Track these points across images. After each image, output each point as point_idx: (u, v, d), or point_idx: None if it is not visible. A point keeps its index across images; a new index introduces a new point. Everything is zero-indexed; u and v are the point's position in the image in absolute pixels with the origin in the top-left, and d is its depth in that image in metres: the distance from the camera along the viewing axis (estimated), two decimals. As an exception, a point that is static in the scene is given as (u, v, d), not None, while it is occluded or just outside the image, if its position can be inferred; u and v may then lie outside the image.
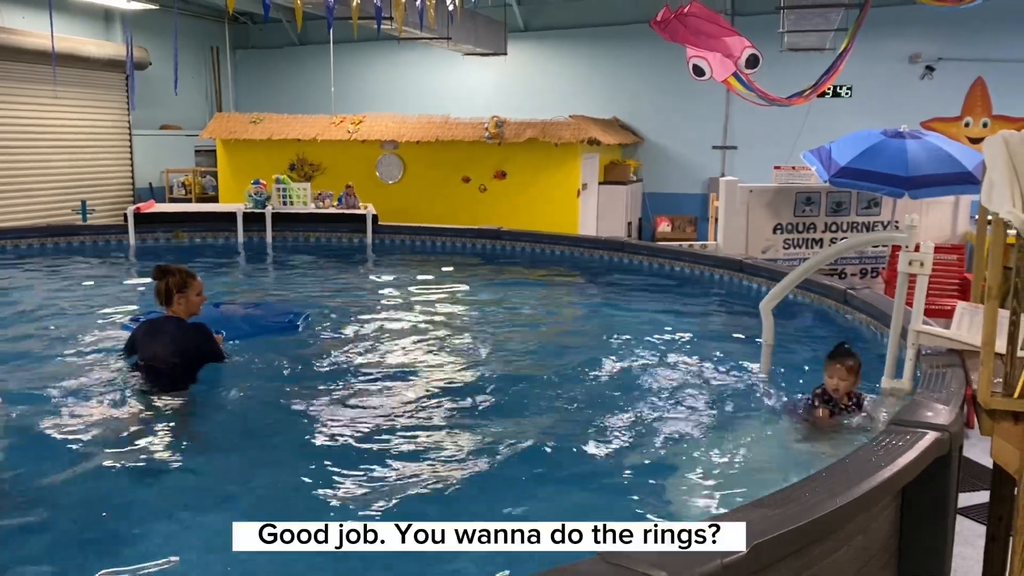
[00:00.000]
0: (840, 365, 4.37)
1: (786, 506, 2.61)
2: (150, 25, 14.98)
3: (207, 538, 3.31)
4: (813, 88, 9.62)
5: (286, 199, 10.97)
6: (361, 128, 13.61)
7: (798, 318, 6.85)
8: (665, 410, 4.83)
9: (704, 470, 3.95)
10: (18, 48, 12.63)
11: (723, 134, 15.23)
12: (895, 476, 2.96)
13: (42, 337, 6.29)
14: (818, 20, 10.43)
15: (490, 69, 16.07)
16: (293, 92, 17.71)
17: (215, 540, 3.12)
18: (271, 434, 4.55)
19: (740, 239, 9.92)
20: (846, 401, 4.40)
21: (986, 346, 3.64)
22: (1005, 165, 3.58)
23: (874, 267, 10.11)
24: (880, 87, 13.93)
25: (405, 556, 2.73)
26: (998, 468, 3.75)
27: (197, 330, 4.98)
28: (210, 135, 14.16)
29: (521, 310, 7.54)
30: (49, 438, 4.25)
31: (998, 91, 12.66)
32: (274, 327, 6.47)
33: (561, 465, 4.07)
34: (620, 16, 15.38)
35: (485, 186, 13.29)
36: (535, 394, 5.11)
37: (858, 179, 8.62)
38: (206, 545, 3.27)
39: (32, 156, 13.59)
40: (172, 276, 4.95)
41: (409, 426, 4.54)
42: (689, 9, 7.98)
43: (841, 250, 5.02)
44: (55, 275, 8.79)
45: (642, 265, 9.25)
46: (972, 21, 12.73)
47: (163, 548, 3.24)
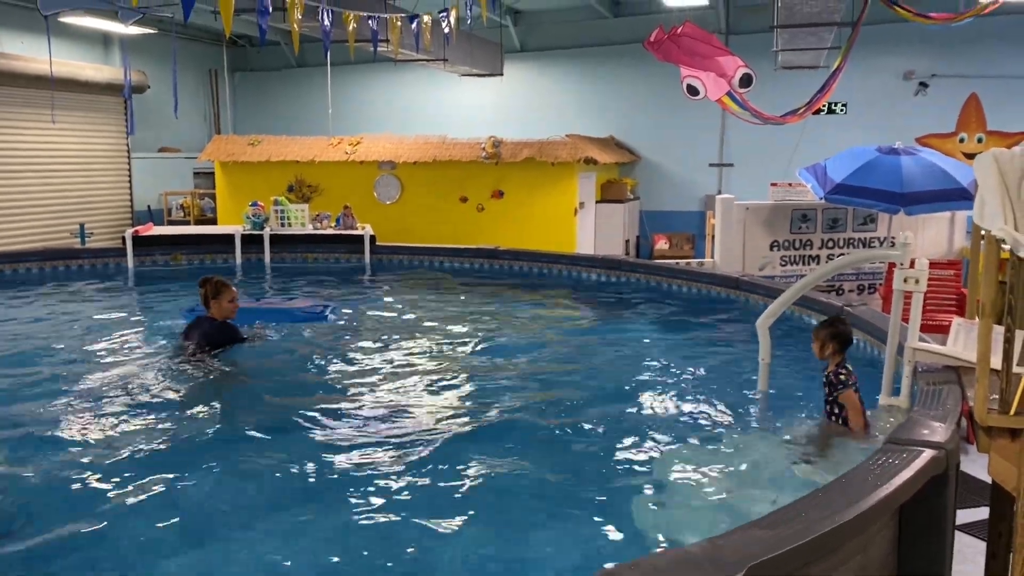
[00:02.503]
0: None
1: (782, 526, 2.61)
2: (148, 49, 15.08)
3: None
4: (807, 106, 9.68)
5: (284, 220, 11.00)
6: (359, 149, 13.67)
7: (795, 335, 6.86)
8: (661, 428, 4.82)
9: (700, 489, 3.94)
10: (17, 73, 12.71)
11: (719, 151, 15.30)
12: (892, 495, 2.96)
13: (40, 359, 6.29)
14: (811, 39, 10.50)
15: (487, 89, 16.16)
16: (291, 114, 17.82)
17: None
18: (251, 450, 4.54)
19: (737, 256, 9.94)
20: (831, 376, 4.48)
21: (981, 363, 3.65)
22: (996, 182, 3.60)
23: (871, 283, 10.12)
24: (875, 104, 14.03)
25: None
26: (996, 485, 3.75)
27: (222, 329, 6.28)
28: (208, 157, 14.21)
29: (518, 329, 7.54)
30: (57, 454, 4.28)
31: (992, 107, 12.74)
32: (305, 316, 7.60)
33: (556, 484, 4.05)
34: (615, 36, 15.50)
35: (483, 205, 13.34)
36: (530, 414, 5.09)
37: (853, 196, 8.66)
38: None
39: (31, 180, 13.64)
40: (209, 285, 6.27)
41: (397, 450, 4.50)
42: (682, 29, 8.03)
43: (837, 268, 5.04)
44: (53, 298, 8.79)
45: (639, 283, 9.26)
46: (965, 38, 12.83)
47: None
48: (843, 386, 4.41)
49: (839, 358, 4.51)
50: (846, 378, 4.43)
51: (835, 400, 4.44)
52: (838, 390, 4.43)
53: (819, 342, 4.56)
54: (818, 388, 5.31)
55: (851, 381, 4.42)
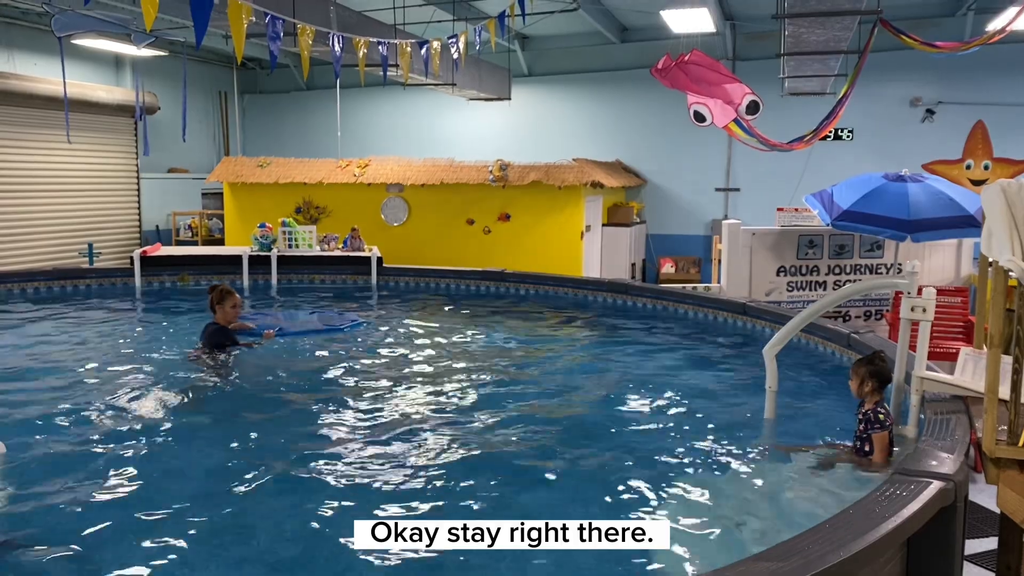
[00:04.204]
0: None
1: (789, 559, 2.60)
2: (159, 70, 15.24)
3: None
4: (814, 133, 9.72)
5: (292, 242, 11.05)
6: (367, 172, 13.75)
7: (802, 363, 6.84)
8: (665, 456, 4.79)
9: (704, 519, 3.91)
10: (30, 94, 12.86)
11: (726, 176, 15.35)
12: (900, 527, 2.94)
13: (45, 376, 6.34)
14: (818, 66, 10.56)
15: (494, 113, 16.27)
16: (300, 136, 17.94)
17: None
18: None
19: (744, 281, 9.95)
20: (871, 414, 4.39)
21: (989, 394, 3.64)
22: (1003, 213, 3.61)
23: (878, 309, 10.10)
24: (881, 130, 14.08)
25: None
26: (1005, 517, 3.73)
27: (214, 332, 7.03)
28: (217, 179, 14.30)
29: (524, 352, 7.53)
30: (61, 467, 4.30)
31: (998, 134, 12.75)
32: (330, 329, 8.13)
33: (555, 512, 4.02)
34: (622, 62, 15.61)
35: (489, 228, 13.38)
36: (529, 437, 5.06)
37: (860, 223, 8.67)
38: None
39: (41, 200, 13.75)
40: (214, 293, 7.09)
41: (403, 471, 4.51)
42: (690, 57, 8.09)
43: (843, 296, 5.02)
44: (61, 318, 8.82)
45: (646, 308, 9.26)
46: (971, 65, 12.89)
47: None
48: (880, 427, 4.32)
49: (878, 396, 4.43)
50: (884, 419, 4.34)
51: (868, 438, 4.38)
52: (874, 428, 4.34)
53: (858, 379, 4.48)
54: (825, 416, 5.29)
55: (888, 423, 4.35)
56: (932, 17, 13.46)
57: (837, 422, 5.11)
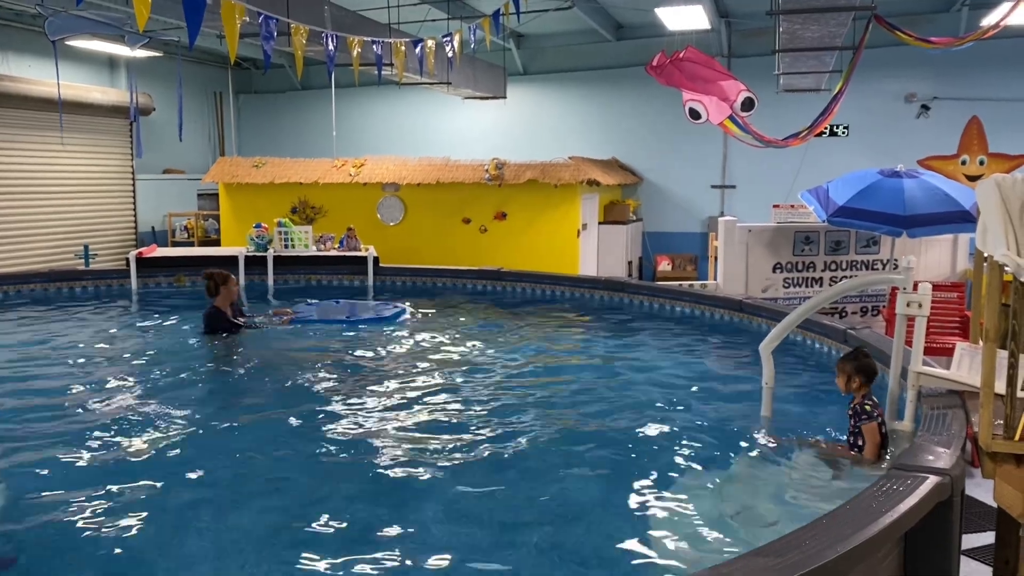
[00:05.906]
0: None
1: (787, 554, 2.60)
2: (154, 71, 15.20)
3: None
4: (809, 129, 9.72)
5: (288, 242, 11.03)
6: (362, 171, 13.74)
7: (798, 359, 6.85)
8: (662, 453, 4.79)
9: (703, 516, 3.91)
10: (25, 96, 12.82)
11: (721, 173, 15.36)
12: (897, 522, 2.95)
13: (41, 378, 6.33)
14: (813, 62, 10.56)
15: (490, 112, 16.26)
16: (295, 136, 17.92)
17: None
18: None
19: (740, 278, 9.95)
20: (858, 407, 4.44)
21: (985, 388, 3.65)
22: (998, 208, 3.62)
23: (874, 305, 10.12)
24: (877, 126, 14.10)
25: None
26: (1002, 511, 3.73)
27: (208, 316, 7.55)
28: (213, 179, 14.28)
29: (521, 351, 7.53)
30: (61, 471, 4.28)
31: (993, 129, 12.76)
32: (373, 319, 8.58)
33: (553, 510, 4.03)
34: (617, 59, 15.61)
35: (486, 227, 13.37)
36: (526, 436, 5.05)
37: (856, 219, 8.68)
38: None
39: (36, 202, 13.72)
40: (213, 278, 7.55)
41: (401, 471, 4.51)
42: (685, 54, 8.09)
43: (839, 292, 5.03)
44: (57, 320, 8.80)
45: (643, 305, 9.26)
46: (966, 61, 12.90)
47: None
48: (868, 417, 4.36)
49: (865, 390, 4.47)
50: (871, 409, 4.38)
51: (859, 431, 4.41)
52: (862, 420, 4.38)
53: (844, 376, 4.52)
54: (821, 412, 5.30)
55: (876, 413, 4.39)
56: (926, 13, 13.49)
57: (833, 418, 5.11)
